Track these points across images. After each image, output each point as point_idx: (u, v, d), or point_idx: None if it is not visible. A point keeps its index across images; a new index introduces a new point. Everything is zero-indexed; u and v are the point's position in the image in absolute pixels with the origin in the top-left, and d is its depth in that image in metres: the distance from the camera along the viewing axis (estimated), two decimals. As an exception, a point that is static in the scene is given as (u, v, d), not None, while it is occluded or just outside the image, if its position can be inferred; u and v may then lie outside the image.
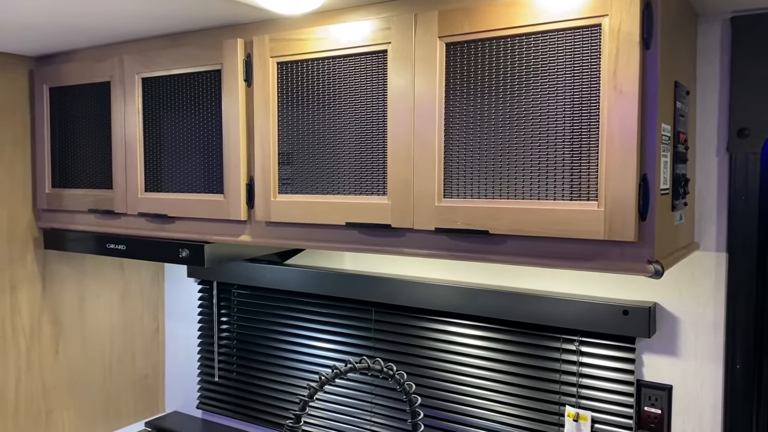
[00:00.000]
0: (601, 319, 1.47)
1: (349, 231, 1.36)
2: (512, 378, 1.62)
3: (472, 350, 1.67)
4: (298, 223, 1.43)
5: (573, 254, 1.11)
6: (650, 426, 1.47)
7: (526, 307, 1.56)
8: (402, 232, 1.29)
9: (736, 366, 1.37)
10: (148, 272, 2.24)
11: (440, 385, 1.72)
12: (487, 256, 1.20)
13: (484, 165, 1.19)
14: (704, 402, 1.42)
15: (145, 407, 2.25)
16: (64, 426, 2.02)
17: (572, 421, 1.53)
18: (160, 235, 1.65)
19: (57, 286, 1.98)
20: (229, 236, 1.54)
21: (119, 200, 1.70)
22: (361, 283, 1.80)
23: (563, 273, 1.56)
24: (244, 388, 2.09)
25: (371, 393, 1.83)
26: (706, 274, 1.40)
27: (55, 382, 1.99)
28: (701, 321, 1.41)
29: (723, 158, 1.36)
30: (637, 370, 1.48)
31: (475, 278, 1.68)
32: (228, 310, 2.12)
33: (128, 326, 2.18)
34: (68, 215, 1.84)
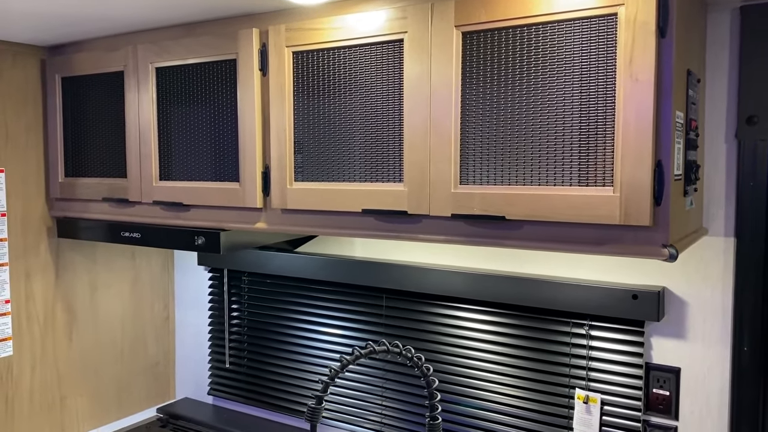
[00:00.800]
0: (611, 304, 1.50)
1: (366, 218, 1.38)
2: (523, 362, 1.65)
3: (483, 335, 1.70)
4: (315, 210, 1.45)
5: (589, 239, 1.14)
6: (658, 408, 1.51)
7: (536, 292, 1.59)
8: (418, 218, 1.32)
9: (743, 349, 1.40)
10: (158, 261, 2.26)
11: (452, 370, 1.75)
12: (503, 242, 1.22)
13: (501, 152, 1.21)
14: (712, 384, 1.45)
15: (157, 394, 2.28)
16: (78, 412, 2.05)
17: (582, 403, 1.56)
18: (176, 223, 1.67)
19: (69, 275, 2.00)
20: (244, 224, 1.56)
21: (134, 189, 1.72)
22: (372, 270, 1.82)
23: (572, 259, 1.59)
24: (255, 374, 2.12)
25: (383, 378, 1.86)
26: (714, 258, 1.43)
27: (69, 369, 2.01)
28: (709, 305, 1.44)
29: (731, 145, 1.39)
30: (646, 353, 1.52)
31: (485, 264, 1.71)
32: (239, 298, 2.14)
33: (139, 314, 2.21)
34: (82, 204, 1.85)
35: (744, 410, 1.41)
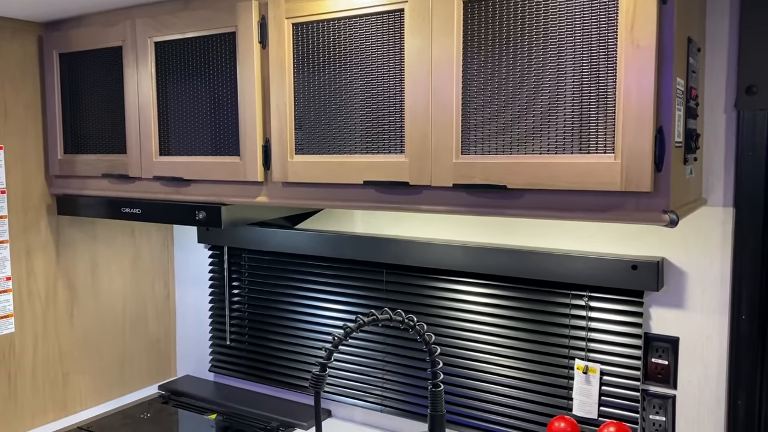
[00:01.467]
0: (610, 275, 1.51)
1: (367, 190, 1.39)
2: (523, 333, 1.67)
3: (483, 308, 1.72)
4: (316, 183, 1.45)
5: (590, 206, 1.15)
6: (657, 377, 1.52)
7: (535, 265, 1.60)
8: (419, 189, 1.32)
9: (742, 317, 1.42)
10: (158, 239, 2.26)
11: (453, 343, 1.76)
12: (504, 211, 1.23)
13: (502, 121, 1.22)
14: (710, 353, 1.47)
15: (158, 371, 2.30)
16: (80, 389, 2.06)
17: (581, 374, 1.58)
18: (176, 198, 1.67)
19: (70, 252, 2.00)
20: (245, 198, 1.56)
21: (134, 164, 1.72)
22: (372, 245, 1.83)
23: (572, 231, 1.60)
24: (256, 350, 2.13)
25: (384, 352, 1.88)
26: (713, 228, 1.44)
27: (71, 346, 2.02)
28: (708, 274, 1.45)
29: (731, 115, 1.39)
30: (645, 323, 1.53)
31: (485, 238, 1.72)
32: (239, 275, 2.15)
33: (140, 292, 2.22)
34: (81, 181, 1.85)
35: (742, 378, 1.43)
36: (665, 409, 1.52)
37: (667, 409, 1.51)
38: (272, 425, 1.94)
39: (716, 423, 1.47)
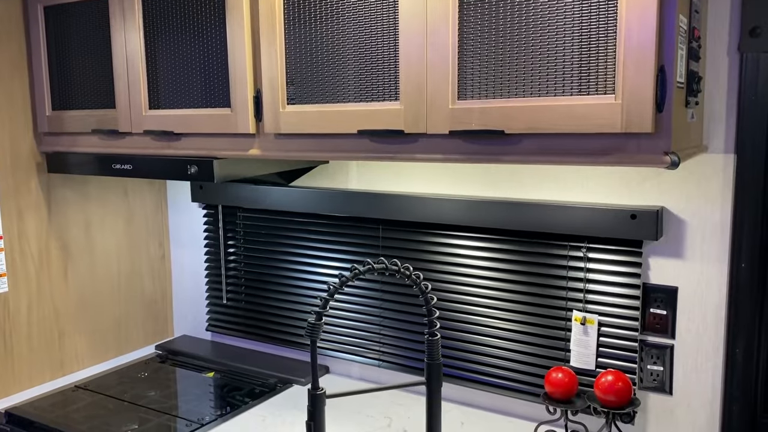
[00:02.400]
0: (609, 225, 1.49)
1: (361, 139, 1.36)
2: (520, 287, 1.66)
3: (481, 262, 1.70)
4: (309, 133, 1.42)
5: (590, 150, 1.12)
6: (655, 327, 1.52)
7: (533, 217, 1.58)
8: (415, 137, 1.30)
9: (741, 265, 1.40)
10: (152, 199, 2.24)
11: (450, 297, 1.75)
12: (502, 157, 1.20)
13: (500, 63, 1.18)
14: (709, 302, 1.46)
15: (155, 332, 2.29)
16: (77, 349, 2.05)
17: (579, 325, 1.57)
18: (168, 152, 1.64)
19: (62, 212, 1.98)
20: (238, 151, 1.53)
21: (123, 119, 1.68)
22: (368, 201, 1.81)
23: (570, 182, 1.57)
24: (253, 309, 2.12)
25: (381, 308, 1.87)
26: (713, 175, 1.41)
27: (66, 306, 2.01)
28: (708, 222, 1.43)
29: (734, 58, 1.36)
30: (644, 274, 1.52)
31: (482, 191, 1.69)
32: (234, 234, 2.13)
33: (134, 252, 2.20)
34: (71, 138, 1.82)
35: (740, 326, 1.42)
36: (663, 359, 1.51)
37: (665, 359, 1.51)
38: (270, 382, 1.94)
39: (714, 371, 1.47)
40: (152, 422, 1.69)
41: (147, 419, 1.71)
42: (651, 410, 1.54)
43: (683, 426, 1.51)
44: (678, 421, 1.52)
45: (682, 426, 1.51)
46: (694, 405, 1.50)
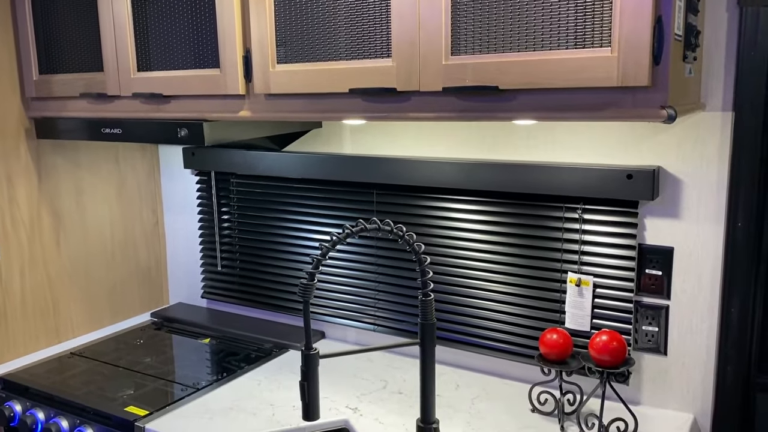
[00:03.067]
0: (605, 185, 1.48)
1: (353, 99, 1.33)
2: (515, 249, 1.64)
3: (476, 225, 1.69)
4: (299, 93, 1.39)
5: (585, 105, 1.10)
6: (651, 288, 1.51)
7: (528, 179, 1.56)
8: (408, 95, 1.27)
9: (738, 224, 1.39)
10: (144, 166, 2.21)
11: (446, 261, 1.74)
12: (497, 114, 1.18)
13: (494, 17, 1.15)
14: (704, 262, 1.45)
15: (150, 299, 2.29)
16: (72, 316, 2.05)
17: (574, 287, 1.57)
18: (157, 116, 1.61)
19: (53, 179, 1.96)
20: (228, 113, 1.50)
21: (111, 82, 1.65)
22: (362, 165, 1.79)
23: (565, 144, 1.55)
24: (248, 275, 2.12)
25: (376, 273, 1.86)
26: (710, 134, 1.39)
27: (59, 274, 2.00)
28: (704, 182, 1.42)
29: (733, 13, 1.33)
30: (639, 235, 1.51)
31: (477, 154, 1.67)
32: (227, 200, 2.11)
33: (128, 220, 2.18)
34: (59, 102, 1.79)
35: (736, 286, 1.41)
36: (658, 320, 1.51)
37: (660, 320, 1.51)
38: (266, 347, 1.94)
39: (709, 331, 1.47)
40: (148, 387, 1.70)
41: (143, 384, 1.71)
42: (645, 371, 1.55)
43: (677, 386, 1.51)
44: (672, 382, 1.52)
45: (676, 386, 1.52)
46: (689, 365, 1.50)
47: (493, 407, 1.56)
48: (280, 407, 1.58)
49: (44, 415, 1.66)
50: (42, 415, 1.66)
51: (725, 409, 1.46)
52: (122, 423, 1.54)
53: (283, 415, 1.54)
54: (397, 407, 1.57)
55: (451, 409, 1.56)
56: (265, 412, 1.55)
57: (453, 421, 1.50)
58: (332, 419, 1.53)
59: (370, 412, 1.55)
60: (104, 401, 1.62)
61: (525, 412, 1.53)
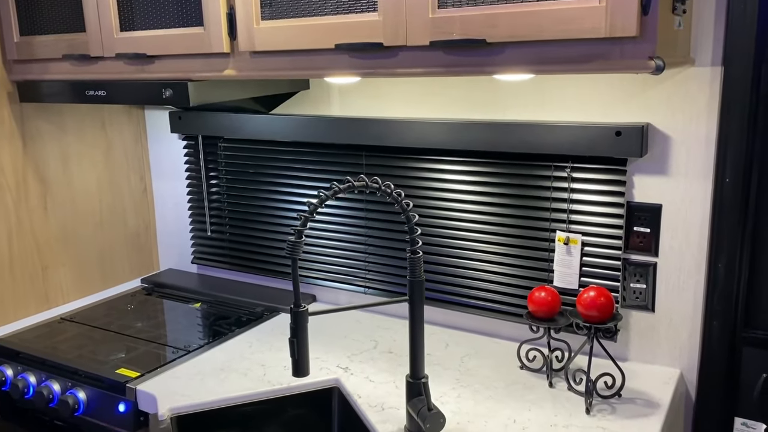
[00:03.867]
0: (594, 143, 1.47)
1: (339, 55, 1.32)
2: (504, 209, 1.64)
3: (465, 186, 1.68)
4: (285, 50, 1.37)
5: (574, 57, 1.09)
6: (639, 245, 1.52)
7: (517, 138, 1.55)
8: (395, 50, 1.25)
9: (726, 180, 1.39)
10: (130, 131, 2.19)
11: (436, 222, 1.74)
12: (485, 68, 1.17)
13: (480, -32, 1.13)
14: (692, 218, 1.45)
15: (141, 266, 2.28)
16: (61, 282, 2.04)
17: (562, 245, 1.57)
18: (141, 76, 1.59)
19: (38, 144, 1.93)
20: (213, 72, 1.48)
21: (94, 42, 1.62)
22: (350, 127, 1.77)
23: (554, 103, 1.54)
24: (237, 240, 2.11)
25: (366, 236, 1.86)
26: (700, 89, 1.39)
27: (48, 239, 1.99)
28: (693, 138, 1.42)
29: (724, -35, 1.31)
30: (628, 192, 1.51)
31: (465, 114, 1.66)
32: (215, 165, 2.10)
33: (115, 186, 2.16)
34: (42, 65, 1.76)
35: (723, 242, 1.42)
36: (646, 277, 1.52)
37: (648, 277, 1.52)
38: (257, 311, 1.94)
39: (696, 287, 1.48)
40: (140, 350, 1.70)
41: (134, 348, 1.72)
42: (633, 328, 1.56)
43: (665, 342, 1.53)
44: (660, 338, 1.53)
45: (663, 342, 1.53)
46: (676, 321, 1.51)
47: (482, 365, 1.57)
48: (271, 367, 1.59)
49: (36, 379, 1.66)
50: (33, 378, 1.67)
51: (711, 363, 1.47)
52: (114, 385, 1.54)
53: (275, 375, 1.55)
54: (387, 366, 1.58)
55: (440, 366, 1.57)
56: (257, 372, 1.56)
57: (442, 378, 1.51)
58: (323, 378, 1.54)
59: (360, 370, 1.56)
60: (96, 364, 1.62)
61: (514, 369, 1.55)
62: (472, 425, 1.32)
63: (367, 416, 1.37)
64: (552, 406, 1.38)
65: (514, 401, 1.41)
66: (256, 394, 1.48)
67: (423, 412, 1.23)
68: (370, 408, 1.40)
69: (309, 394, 1.52)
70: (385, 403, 1.41)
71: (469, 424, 1.33)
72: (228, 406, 1.47)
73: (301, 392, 1.51)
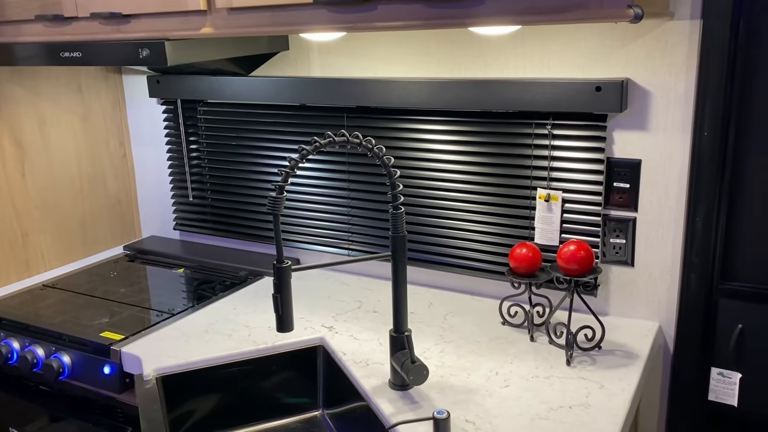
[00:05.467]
0: (574, 99, 1.47)
1: (317, 10, 1.30)
2: (486, 168, 1.65)
3: (446, 145, 1.69)
4: (262, 6, 1.35)
5: (553, 7, 1.08)
6: (618, 200, 1.53)
7: (497, 95, 1.55)
8: (374, 4, 1.24)
9: (704, 134, 1.40)
10: (108, 95, 2.15)
11: (419, 183, 1.75)
12: (465, 20, 1.16)
13: None
14: (671, 173, 1.47)
15: (123, 233, 2.27)
16: (42, 249, 2.03)
17: (543, 202, 1.58)
18: (117, 36, 1.56)
19: (13, 109, 1.90)
20: (190, 30, 1.46)
21: (68, 1, 1.59)
22: (331, 88, 1.76)
23: (535, 60, 1.54)
24: (220, 205, 2.10)
25: (348, 198, 1.86)
26: (679, 43, 1.39)
27: (27, 206, 1.97)
28: (672, 92, 1.42)
29: None
30: (608, 148, 1.52)
31: (446, 73, 1.65)
32: (195, 129, 2.08)
33: (95, 152, 2.14)
34: (14, 27, 1.72)
35: (701, 195, 1.43)
36: (625, 232, 1.54)
37: (628, 232, 1.54)
38: (241, 275, 1.95)
39: (674, 241, 1.50)
40: (124, 314, 1.70)
41: (118, 312, 1.72)
42: (613, 282, 1.58)
43: (644, 296, 1.56)
44: (639, 292, 1.56)
45: (643, 296, 1.56)
46: (655, 275, 1.54)
47: (465, 321, 1.59)
48: (255, 328, 1.60)
49: (19, 345, 1.66)
50: (17, 344, 1.66)
51: (689, 315, 1.50)
52: (98, 348, 1.54)
53: (259, 335, 1.56)
54: (372, 324, 1.60)
55: (423, 324, 1.59)
56: (241, 333, 1.57)
57: (425, 334, 1.53)
58: (308, 337, 1.55)
59: (345, 329, 1.57)
60: (80, 328, 1.62)
61: (496, 325, 1.57)
62: (455, 378, 1.34)
63: (352, 372, 1.39)
64: (533, 359, 1.41)
65: (496, 355, 1.43)
66: (241, 353, 1.49)
67: (406, 364, 1.25)
68: (354, 364, 1.41)
69: (294, 353, 1.54)
70: (370, 359, 1.43)
71: (452, 377, 1.35)
72: (213, 366, 1.47)
73: (286, 351, 1.52)
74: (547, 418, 1.20)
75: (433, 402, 1.26)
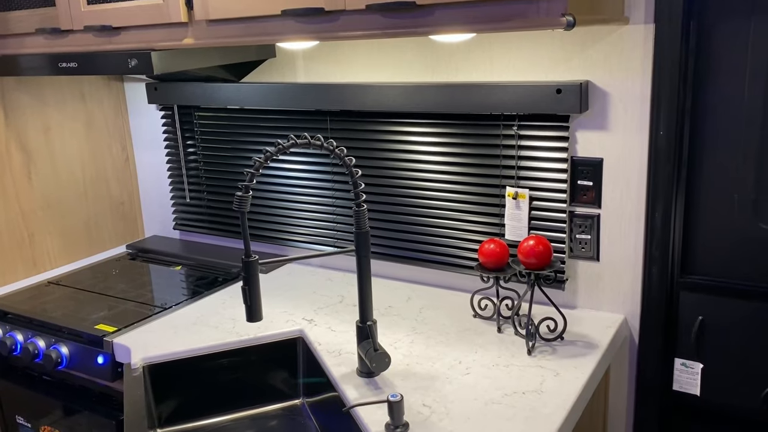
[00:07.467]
0: (537, 101, 1.54)
1: (286, 20, 1.39)
2: (459, 168, 1.72)
3: (422, 147, 1.76)
4: (237, 18, 1.45)
5: (495, 16, 1.16)
6: (583, 198, 1.59)
7: (466, 98, 1.62)
8: (336, 15, 1.32)
9: (660, 133, 1.46)
10: (110, 102, 2.27)
11: (396, 183, 1.83)
12: (417, 30, 1.24)
13: (408, -66, 1.20)
14: (631, 169, 1.53)
15: (126, 233, 2.38)
16: (48, 249, 2.15)
17: (512, 200, 1.65)
18: (109, 48, 1.67)
19: (19, 116, 2.02)
20: (173, 41, 1.56)
21: (64, 15, 1.70)
22: (314, 93, 1.85)
23: (501, 65, 1.61)
24: (215, 206, 2.20)
25: (333, 198, 1.95)
26: (634, 47, 1.45)
27: (33, 208, 2.09)
28: (629, 94, 1.48)
29: (652, -75, 1.37)
30: (571, 148, 1.58)
31: (420, 77, 1.73)
32: (191, 134, 2.18)
33: (98, 156, 2.26)
34: (17, 39, 1.84)
35: (659, 191, 1.49)
36: (590, 228, 1.60)
37: (593, 228, 1.60)
38: (233, 272, 2.04)
39: (636, 236, 1.56)
40: (120, 308, 1.81)
41: (115, 306, 1.82)
42: (581, 277, 1.64)
43: (610, 289, 1.62)
44: (605, 286, 1.62)
45: (608, 289, 1.62)
46: (619, 269, 1.60)
47: (438, 314, 1.67)
48: (240, 321, 1.69)
49: (23, 337, 1.78)
50: (21, 336, 1.78)
51: (651, 308, 1.56)
52: (92, 339, 1.65)
53: (243, 328, 1.65)
54: (350, 317, 1.68)
55: (399, 317, 1.67)
56: (227, 326, 1.66)
57: (399, 326, 1.61)
58: (288, 329, 1.64)
59: (324, 322, 1.66)
60: (78, 321, 1.73)
61: (467, 317, 1.64)
62: (420, 366, 1.42)
63: (325, 361, 1.47)
64: (497, 349, 1.48)
65: (463, 345, 1.50)
66: (225, 344, 1.58)
67: (370, 352, 1.33)
68: (328, 354, 1.50)
69: (275, 344, 1.62)
70: (343, 349, 1.51)
71: (417, 365, 1.42)
72: (198, 356, 1.57)
73: (268, 342, 1.61)
74: (500, 403, 1.27)
75: (396, 388, 1.34)
